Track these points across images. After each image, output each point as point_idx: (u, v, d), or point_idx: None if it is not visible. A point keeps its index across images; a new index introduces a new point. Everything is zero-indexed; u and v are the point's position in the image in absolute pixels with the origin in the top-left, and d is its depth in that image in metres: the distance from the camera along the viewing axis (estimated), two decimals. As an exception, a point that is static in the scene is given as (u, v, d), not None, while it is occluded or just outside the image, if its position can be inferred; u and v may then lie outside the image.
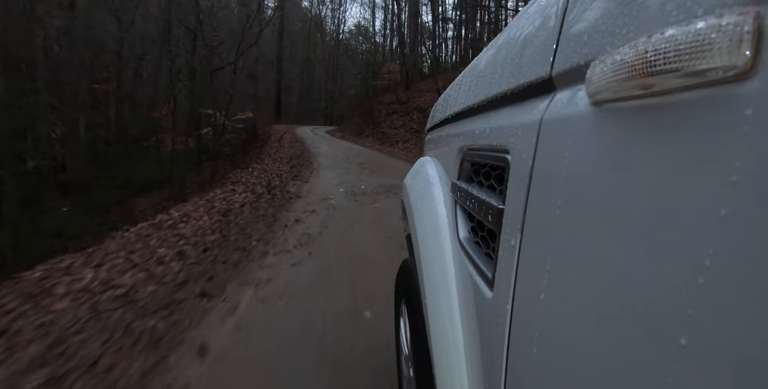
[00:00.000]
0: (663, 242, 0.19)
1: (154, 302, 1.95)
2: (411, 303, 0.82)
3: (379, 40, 30.63)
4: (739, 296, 0.15)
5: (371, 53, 29.62)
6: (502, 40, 0.52)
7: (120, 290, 2.06)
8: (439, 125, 1.00)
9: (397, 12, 18.58)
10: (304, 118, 31.70)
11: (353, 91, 28.37)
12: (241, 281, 2.23)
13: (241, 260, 2.55)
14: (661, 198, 0.20)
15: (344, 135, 17.65)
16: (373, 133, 15.05)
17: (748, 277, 0.15)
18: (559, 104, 0.32)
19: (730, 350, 0.16)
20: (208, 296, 2.03)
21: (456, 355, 0.50)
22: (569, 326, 0.27)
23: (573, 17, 0.31)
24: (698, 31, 0.17)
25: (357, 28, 34.85)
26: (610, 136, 0.24)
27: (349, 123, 20.07)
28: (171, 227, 3.42)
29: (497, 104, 0.49)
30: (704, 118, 0.18)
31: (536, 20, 0.39)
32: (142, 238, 3.14)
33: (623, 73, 0.21)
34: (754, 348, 0.15)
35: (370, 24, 36.05)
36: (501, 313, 0.39)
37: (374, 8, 31.49)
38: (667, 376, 0.18)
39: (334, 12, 33.65)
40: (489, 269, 0.45)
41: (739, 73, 0.16)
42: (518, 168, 0.38)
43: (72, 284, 2.15)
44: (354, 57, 32.17)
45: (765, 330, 0.14)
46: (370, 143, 13.90)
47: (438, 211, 0.71)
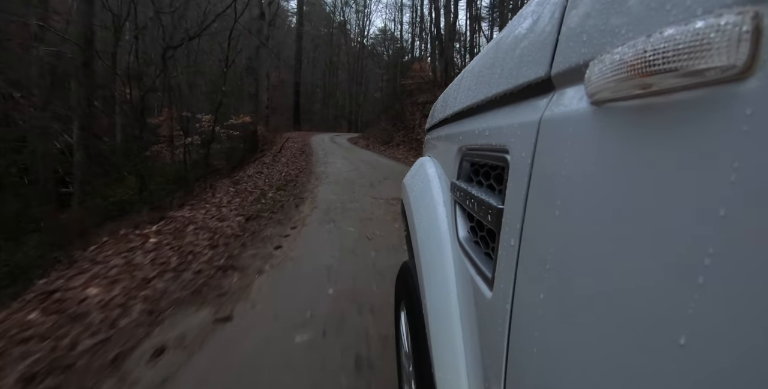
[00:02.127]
0: (662, 241, 0.19)
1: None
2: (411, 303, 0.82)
3: (407, 37, 28.79)
4: (739, 296, 0.15)
5: (398, 49, 27.50)
6: (501, 40, 0.52)
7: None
8: (439, 125, 1.00)
9: (434, 3, 16.48)
10: (327, 124, 30.18)
11: (378, 93, 26.23)
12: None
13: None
14: (660, 198, 0.20)
15: (369, 144, 14.49)
16: (405, 140, 12.36)
17: (748, 277, 0.15)
18: (559, 103, 0.32)
19: (730, 350, 0.16)
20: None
21: (456, 355, 0.50)
22: (569, 325, 0.27)
23: (572, 17, 0.31)
24: (697, 30, 0.17)
25: (382, 32, 33.25)
26: (609, 135, 0.24)
27: (375, 129, 17.33)
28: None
29: (496, 103, 0.49)
30: (703, 118, 0.18)
31: (535, 20, 0.39)
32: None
33: (622, 73, 0.21)
34: (753, 348, 0.15)
35: (396, 24, 34.36)
36: (501, 313, 0.39)
37: (402, 8, 29.95)
38: (667, 376, 0.18)
39: (359, 14, 32.13)
40: (488, 269, 0.45)
41: (738, 73, 0.16)
42: (517, 168, 0.38)
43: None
44: (379, 60, 30.35)
45: (764, 329, 0.14)
46: (401, 153, 10.95)
47: (438, 211, 0.71)
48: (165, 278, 2.24)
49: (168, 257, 2.57)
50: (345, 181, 5.87)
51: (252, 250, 2.71)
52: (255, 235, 3.06)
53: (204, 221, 3.58)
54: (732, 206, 0.16)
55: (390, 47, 30.22)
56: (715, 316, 0.16)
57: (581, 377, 0.25)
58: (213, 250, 2.72)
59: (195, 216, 3.82)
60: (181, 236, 3.09)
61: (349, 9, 32.00)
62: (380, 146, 13.15)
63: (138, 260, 2.53)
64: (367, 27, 38.15)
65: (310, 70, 32.03)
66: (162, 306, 1.91)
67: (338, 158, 9.72)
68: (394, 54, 27.23)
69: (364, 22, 31.78)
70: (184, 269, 2.39)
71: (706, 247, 0.17)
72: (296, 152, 11.07)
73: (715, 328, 0.16)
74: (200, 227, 3.33)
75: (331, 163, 8.56)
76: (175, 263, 2.47)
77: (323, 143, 14.33)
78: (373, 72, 31.01)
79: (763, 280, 0.14)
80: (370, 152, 11.96)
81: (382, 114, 17.64)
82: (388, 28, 34.70)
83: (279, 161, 8.87)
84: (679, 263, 0.18)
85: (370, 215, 3.71)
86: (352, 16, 32.65)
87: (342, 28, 31.33)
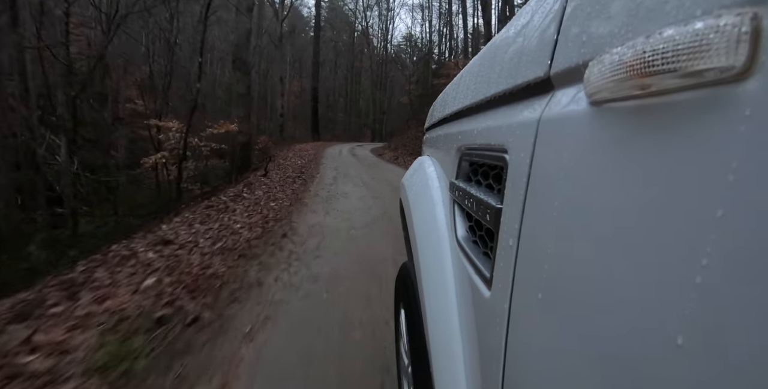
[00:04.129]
0: (660, 241, 0.19)
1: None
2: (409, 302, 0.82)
3: (435, 38, 27.44)
4: (736, 295, 0.15)
5: (427, 45, 26.10)
6: (500, 40, 0.52)
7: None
8: (438, 125, 1.00)
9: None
10: (350, 134, 28.51)
11: (405, 97, 23.12)
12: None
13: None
14: (659, 198, 0.20)
15: (397, 156, 11.64)
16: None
17: (745, 277, 0.15)
18: (558, 103, 0.32)
19: (727, 350, 0.16)
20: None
21: (454, 354, 0.50)
22: (567, 325, 0.27)
23: (571, 17, 0.31)
24: (696, 31, 0.17)
25: (407, 39, 31.79)
26: (608, 136, 0.24)
27: (403, 138, 15.01)
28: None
29: (495, 103, 0.49)
30: (702, 118, 0.18)
31: (534, 20, 0.39)
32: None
33: (621, 73, 0.21)
34: (751, 348, 0.15)
35: (424, 21, 32.92)
36: (499, 312, 0.39)
37: (430, 9, 27.94)
38: (664, 376, 0.18)
39: (381, 16, 30.45)
40: (487, 269, 0.45)
41: (737, 74, 0.16)
42: (516, 168, 0.38)
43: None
44: (403, 65, 29.02)
45: (762, 329, 0.14)
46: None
47: (436, 210, 0.71)
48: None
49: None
50: (359, 273, 2.41)
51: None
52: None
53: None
54: (730, 207, 0.16)
55: (415, 53, 29.04)
56: (712, 316, 0.16)
57: (579, 376, 0.25)
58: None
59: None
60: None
61: (371, 12, 30.50)
62: (411, 159, 7.66)
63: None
64: (391, 30, 36.45)
65: (332, 77, 30.45)
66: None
67: (354, 183, 6.29)
68: (424, 50, 25.48)
69: (387, 24, 30.31)
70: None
71: (703, 247, 0.17)
72: (296, 171, 7.67)
73: (713, 328, 0.16)
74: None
75: (339, 197, 5.07)
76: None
77: (338, 158, 11.07)
78: (397, 78, 29.64)
79: (761, 280, 0.14)
80: (402, 169, 8.25)
81: (412, 120, 15.51)
82: (412, 34, 33.37)
83: (254, 192, 5.37)
84: (677, 263, 0.18)
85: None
86: (375, 19, 31.24)
87: (365, 32, 29.93)
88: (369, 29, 30.25)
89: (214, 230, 3.45)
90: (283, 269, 2.52)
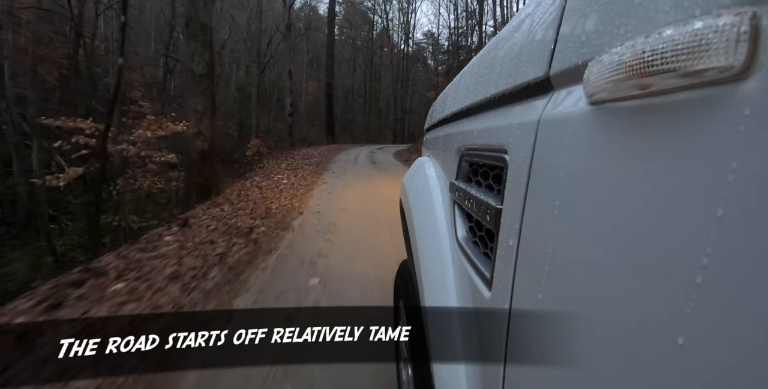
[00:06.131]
0: (660, 241, 0.19)
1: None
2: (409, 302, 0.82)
3: (462, 23, 26.29)
4: (736, 295, 0.15)
5: (455, 32, 23.84)
6: (500, 40, 0.52)
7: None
8: (438, 125, 1.00)
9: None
10: (369, 136, 26.17)
11: (432, 92, 20.24)
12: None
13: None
14: (659, 198, 0.20)
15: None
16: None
17: (745, 276, 0.15)
18: (557, 104, 0.32)
19: (728, 349, 0.16)
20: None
21: (454, 354, 0.50)
22: (567, 325, 0.27)
23: (570, 17, 0.31)
24: (696, 31, 0.17)
25: (427, 37, 29.73)
26: (608, 136, 0.24)
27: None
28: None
29: (495, 103, 0.49)
30: (702, 118, 0.18)
31: (534, 20, 0.39)
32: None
33: (621, 74, 0.21)
34: (751, 348, 0.15)
35: (448, 7, 31.45)
36: (499, 313, 0.39)
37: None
38: (665, 375, 0.18)
39: (402, 10, 28.16)
40: (487, 269, 0.45)
41: (736, 74, 0.16)
42: (516, 168, 0.38)
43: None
44: (424, 62, 27.23)
45: (762, 329, 0.14)
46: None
47: (436, 211, 0.71)
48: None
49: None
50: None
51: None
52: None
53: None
54: (729, 206, 0.16)
55: (437, 52, 27.65)
56: (713, 316, 0.16)
57: (579, 376, 0.25)
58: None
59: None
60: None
61: (390, 5, 28.09)
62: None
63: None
64: (413, 23, 34.46)
65: (350, 76, 28.28)
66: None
67: (357, 219, 3.43)
68: (454, 38, 23.45)
69: (408, 17, 28.38)
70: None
71: (704, 247, 0.17)
72: (270, 202, 4.13)
73: (713, 328, 0.16)
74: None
75: (339, 235, 2.90)
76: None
77: (352, 167, 8.00)
78: (419, 76, 27.78)
79: (761, 280, 0.14)
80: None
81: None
82: (432, 32, 32.22)
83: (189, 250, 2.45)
84: (677, 263, 0.18)
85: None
86: (395, 14, 28.93)
87: (385, 26, 27.94)
88: (389, 23, 28.52)
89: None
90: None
